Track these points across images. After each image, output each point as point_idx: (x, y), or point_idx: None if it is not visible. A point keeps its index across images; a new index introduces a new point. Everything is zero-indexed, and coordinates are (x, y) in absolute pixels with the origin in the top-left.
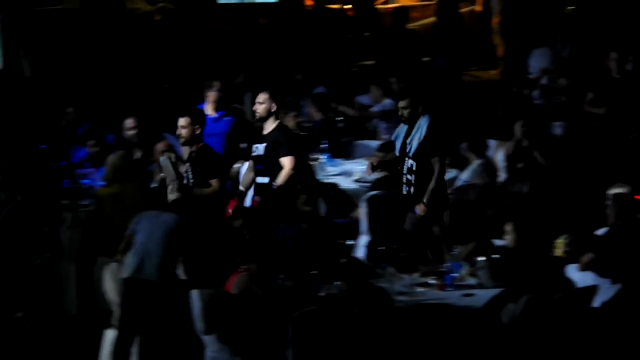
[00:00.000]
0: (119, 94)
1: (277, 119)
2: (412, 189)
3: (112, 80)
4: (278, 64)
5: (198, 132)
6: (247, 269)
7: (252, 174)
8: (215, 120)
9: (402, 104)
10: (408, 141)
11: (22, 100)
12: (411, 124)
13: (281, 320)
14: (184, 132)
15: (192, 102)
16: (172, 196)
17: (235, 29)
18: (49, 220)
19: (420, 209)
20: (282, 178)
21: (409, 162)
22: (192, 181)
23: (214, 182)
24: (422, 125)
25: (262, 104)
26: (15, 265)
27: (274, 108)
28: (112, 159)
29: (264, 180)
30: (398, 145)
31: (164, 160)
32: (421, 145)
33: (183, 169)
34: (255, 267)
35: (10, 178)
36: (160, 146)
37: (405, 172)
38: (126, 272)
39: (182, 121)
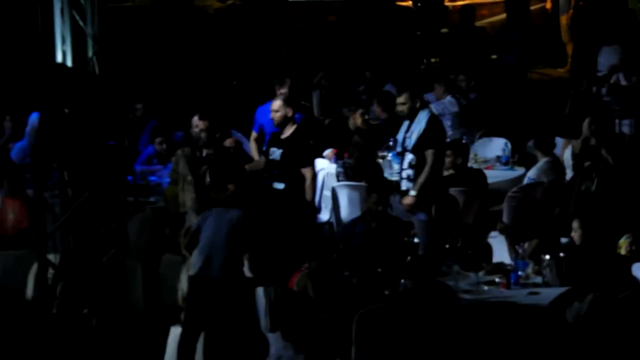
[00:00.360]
0: (188, 91)
1: (294, 123)
2: (411, 184)
3: (181, 76)
4: (347, 61)
5: (217, 135)
6: (308, 266)
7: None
8: None
9: (400, 99)
10: (407, 135)
11: (90, 97)
12: (411, 118)
13: (345, 317)
14: (203, 135)
15: (260, 99)
16: (186, 194)
17: (304, 26)
18: (116, 217)
19: (407, 200)
20: (308, 193)
21: (409, 157)
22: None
23: (231, 187)
24: (422, 120)
25: (276, 111)
26: (81, 262)
27: (290, 113)
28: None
29: (280, 186)
30: (399, 139)
31: (179, 153)
32: (420, 139)
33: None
34: (315, 264)
35: (77, 174)
36: (227, 143)
37: (405, 166)
38: (192, 270)
39: (201, 124)
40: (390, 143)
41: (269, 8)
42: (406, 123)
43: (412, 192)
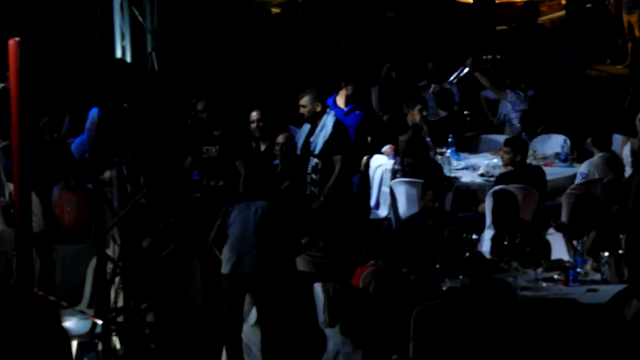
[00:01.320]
0: (246, 86)
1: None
2: (317, 189)
3: (239, 71)
4: (406, 56)
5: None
6: (374, 263)
7: None
8: (345, 113)
9: (302, 101)
10: (312, 139)
11: (149, 92)
12: (312, 122)
13: (403, 313)
14: (258, 129)
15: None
16: None
17: (363, 22)
18: (175, 212)
19: (314, 205)
20: (331, 181)
21: (314, 161)
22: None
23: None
24: (327, 124)
25: (304, 106)
26: (141, 257)
27: (319, 107)
28: None
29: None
30: (299, 144)
31: None
32: (326, 143)
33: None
34: (383, 262)
35: (136, 169)
36: (280, 138)
37: (309, 171)
38: (225, 268)
39: (256, 116)
40: (450, 140)
41: (328, 4)
42: (307, 127)
43: (321, 198)
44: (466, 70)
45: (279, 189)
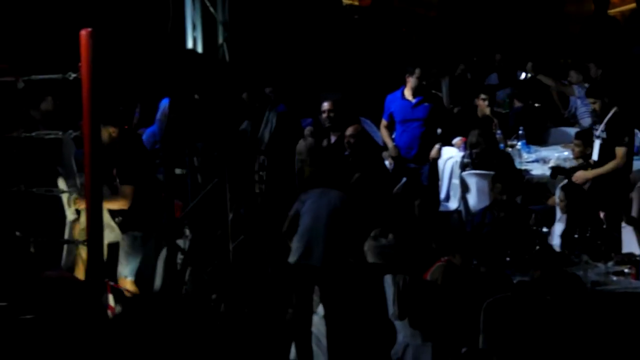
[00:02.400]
0: (317, 77)
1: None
2: (264, 186)
3: (310, 63)
4: (478, 45)
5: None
6: (449, 259)
7: None
8: (413, 105)
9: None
10: (259, 136)
11: (220, 83)
12: (253, 119)
13: (473, 306)
14: (328, 120)
15: (389, 87)
16: None
17: (436, 13)
18: (245, 203)
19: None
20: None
21: (260, 158)
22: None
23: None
24: (271, 119)
25: (330, 110)
26: (210, 247)
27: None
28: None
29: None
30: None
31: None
32: (271, 139)
33: None
34: (459, 259)
35: (207, 160)
36: (349, 130)
37: (256, 169)
38: (292, 257)
39: (327, 105)
40: (520, 132)
41: None
42: (247, 123)
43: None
44: (527, 75)
45: (349, 180)
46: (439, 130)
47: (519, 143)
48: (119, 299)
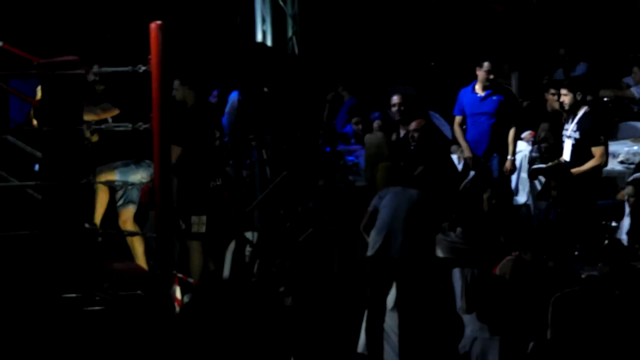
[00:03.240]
0: (387, 70)
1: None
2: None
3: (380, 56)
4: (545, 40)
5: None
6: (519, 254)
7: None
8: (482, 99)
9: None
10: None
11: (289, 77)
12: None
13: (541, 300)
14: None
15: (459, 82)
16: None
17: (504, 7)
18: (313, 196)
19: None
20: None
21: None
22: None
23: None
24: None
25: (400, 104)
26: (279, 240)
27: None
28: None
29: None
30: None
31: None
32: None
33: None
34: (530, 256)
35: (276, 154)
36: (413, 124)
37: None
38: (370, 250)
39: (397, 99)
40: None
41: None
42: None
43: None
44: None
45: (413, 174)
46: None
47: None
48: (186, 291)
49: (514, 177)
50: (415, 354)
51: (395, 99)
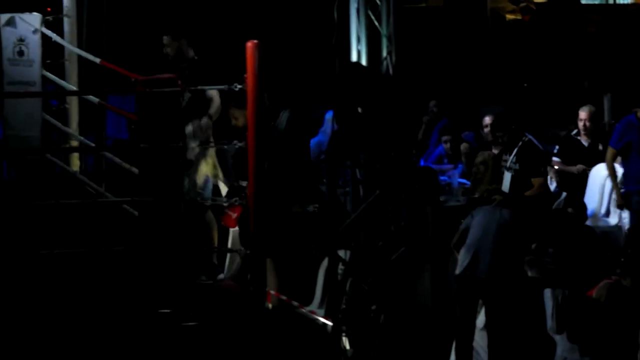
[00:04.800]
0: (479, 91)
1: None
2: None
3: (472, 77)
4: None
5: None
6: (616, 279)
7: None
8: None
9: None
10: None
11: (384, 96)
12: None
13: (633, 323)
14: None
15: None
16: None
17: (597, 30)
18: (406, 216)
19: None
20: None
21: None
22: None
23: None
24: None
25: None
26: (371, 259)
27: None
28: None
29: None
30: None
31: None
32: None
33: None
34: (630, 282)
35: (369, 173)
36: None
37: None
38: (458, 268)
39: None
40: None
41: (562, 11)
42: None
43: None
44: None
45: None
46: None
47: None
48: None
49: (605, 198)
50: None
51: (487, 119)
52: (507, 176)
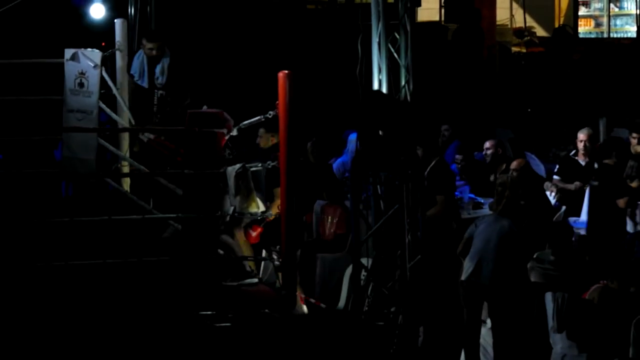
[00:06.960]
0: (488, 115)
1: None
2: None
3: (481, 103)
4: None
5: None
6: (606, 283)
7: None
8: None
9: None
10: None
11: (401, 121)
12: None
13: (624, 322)
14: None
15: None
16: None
17: (593, 62)
18: (421, 227)
19: None
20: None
21: None
22: None
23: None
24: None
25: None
26: (391, 266)
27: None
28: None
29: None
30: None
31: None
32: None
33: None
34: (617, 285)
35: (389, 189)
36: (514, 164)
37: None
38: (463, 275)
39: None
40: None
41: (561, 44)
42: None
43: None
44: None
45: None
46: None
47: None
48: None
49: None
50: None
51: (487, 144)
52: None
